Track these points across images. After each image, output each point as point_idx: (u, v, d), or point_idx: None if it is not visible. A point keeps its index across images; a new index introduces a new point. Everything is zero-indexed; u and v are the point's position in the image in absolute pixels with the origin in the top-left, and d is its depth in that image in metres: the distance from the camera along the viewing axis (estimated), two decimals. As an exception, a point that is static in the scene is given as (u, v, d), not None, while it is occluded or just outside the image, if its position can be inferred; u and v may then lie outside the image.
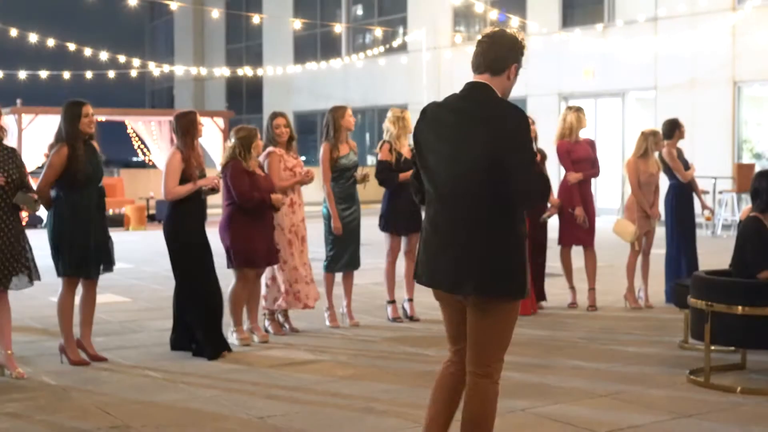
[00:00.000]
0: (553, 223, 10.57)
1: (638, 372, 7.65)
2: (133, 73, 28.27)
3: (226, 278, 8.77)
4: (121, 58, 26.04)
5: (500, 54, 4.74)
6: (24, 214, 7.86)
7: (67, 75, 27.11)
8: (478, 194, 4.54)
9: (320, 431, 6.10)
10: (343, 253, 9.50)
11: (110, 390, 7.12)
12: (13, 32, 22.20)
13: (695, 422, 6.29)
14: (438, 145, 4.72)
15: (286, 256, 8.94)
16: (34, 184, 7.86)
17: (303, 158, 9.88)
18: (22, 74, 25.42)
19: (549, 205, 10.42)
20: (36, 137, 20.27)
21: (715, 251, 14.32)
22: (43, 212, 8.09)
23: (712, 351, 7.85)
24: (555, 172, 13.03)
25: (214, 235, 8.44)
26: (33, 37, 22.27)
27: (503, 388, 7.00)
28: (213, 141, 22.68)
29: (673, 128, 10.80)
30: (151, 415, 6.45)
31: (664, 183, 10.85)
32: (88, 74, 27.53)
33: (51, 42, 22.83)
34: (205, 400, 6.83)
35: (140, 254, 16.21)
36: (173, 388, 7.19)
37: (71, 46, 23.92)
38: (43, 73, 26.02)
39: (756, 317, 7.02)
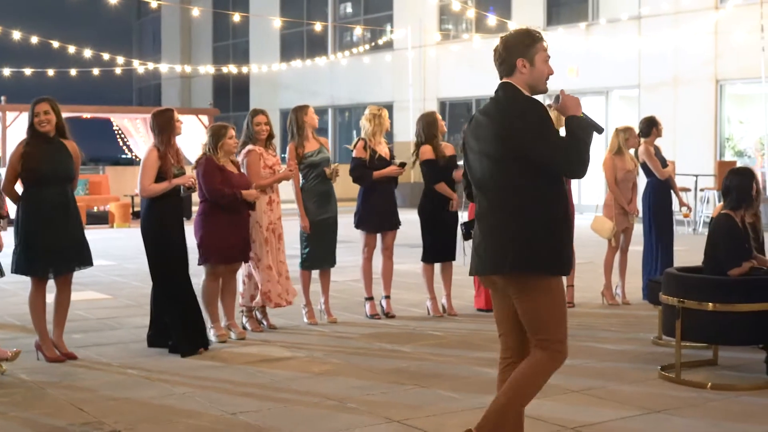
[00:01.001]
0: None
1: (612, 368, 7.71)
2: (118, 70, 28.23)
3: (199, 275, 8.81)
4: (106, 56, 26.02)
5: (502, 58, 5.06)
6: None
7: (51, 72, 27.08)
8: (506, 184, 4.92)
9: (292, 428, 6.13)
10: (319, 250, 9.54)
11: (86, 387, 7.15)
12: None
13: (665, 418, 6.35)
14: (474, 144, 5.11)
15: (261, 254, 8.97)
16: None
17: (284, 155, 9.92)
18: (6, 71, 25.39)
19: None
20: (20, 135, 20.22)
21: (696, 248, 14.29)
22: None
23: (684, 347, 7.93)
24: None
25: (191, 233, 8.47)
26: (17, 35, 22.24)
27: (477, 384, 7.16)
28: (198, 138, 22.66)
29: (651, 126, 10.86)
30: (125, 411, 6.48)
31: (642, 180, 10.91)
32: (73, 72, 27.49)
33: (35, 39, 22.80)
34: (180, 396, 6.87)
35: (123, 251, 16.22)
36: (149, 384, 7.22)
37: (55, 44, 23.89)
38: (28, 71, 25.99)
39: (727, 314, 7.08)
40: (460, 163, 9.99)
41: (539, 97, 5.07)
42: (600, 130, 5.08)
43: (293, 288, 9.31)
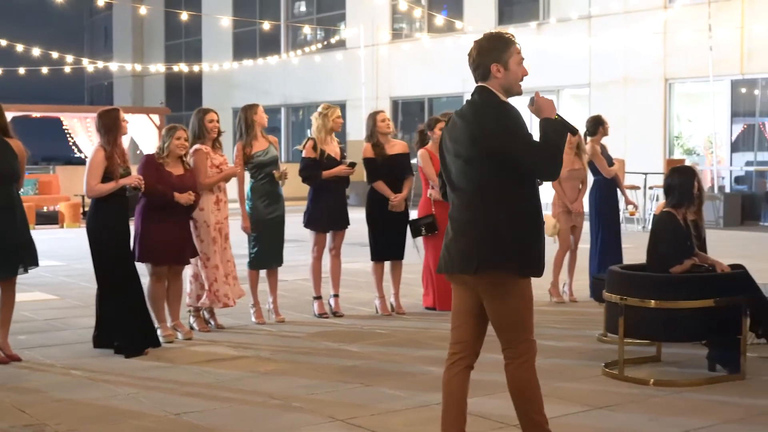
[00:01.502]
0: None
1: (556, 365, 7.76)
2: (67, 69, 28.01)
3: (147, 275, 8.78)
4: (55, 55, 25.81)
5: (475, 63, 5.09)
6: None
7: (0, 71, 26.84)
8: (477, 185, 4.98)
9: (235, 427, 6.13)
10: (267, 250, 9.54)
11: (29, 388, 7.11)
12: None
13: (606, 414, 6.41)
14: (450, 145, 5.15)
15: (209, 252, 8.95)
16: None
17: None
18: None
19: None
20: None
21: (644, 246, 14.46)
22: None
23: (629, 344, 8.02)
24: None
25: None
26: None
27: (422, 382, 7.20)
28: (148, 137, 22.58)
29: (597, 125, 10.94)
30: (69, 413, 6.45)
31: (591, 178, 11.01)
32: (21, 70, 27.24)
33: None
34: (124, 397, 6.84)
35: (72, 251, 16.08)
36: (93, 386, 7.18)
37: (2, 42, 23.66)
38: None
39: (669, 311, 7.17)
40: (414, 161, 10.09)
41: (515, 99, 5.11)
42: (574, 132, 5.15)
43: (240, 288, 9.30)
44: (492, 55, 5.03)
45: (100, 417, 6.37)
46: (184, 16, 29.89)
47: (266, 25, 29.95)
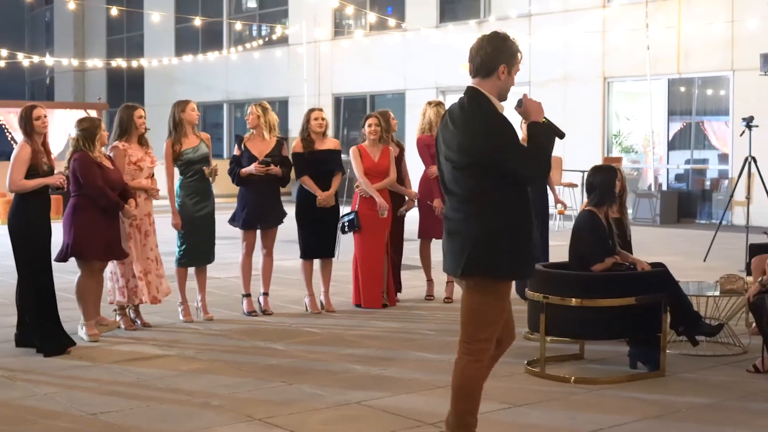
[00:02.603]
0: (413, 216, 10.72)
1: (480, 363, 7.78)
2: (3, 64, 27.65)
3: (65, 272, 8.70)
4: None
5: (486, 57, 5.04)
6: None
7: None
8: (466, 189, 5.04)
9: (153, 427, 6.09)
10: (194, 247, 9.49)
11: (-54, 388, 7.01)
12: None
13: (525, 411, 6.45)
14: (442, 148, 5.21)
15: (126, 249, 8.86)
16: None
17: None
18: None
19: (407, 198, 10.57)
20: None
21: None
22: None
23: (554, 342, 8.10)
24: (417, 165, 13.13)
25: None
26: None
27: (344, 380, 7.20)
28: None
29: (528, 123, 10.98)
30: (-16, 413, 6.38)
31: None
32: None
33: None
34: (42, 397, 6.76)
35: (2, 248, 15.84)
36: (12, 385, 7.09)
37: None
38: None
39: (590, 309, 7.22)
40: (344, 157, 10.08)
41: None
42: (561, 135, 5.15)
43: (167, 286, 9.23)
44: (504, 56, 5.04)
45: (14, 417, 6.29)
46: (115, 11, 29.61)
47: (208, 21, 29.78)
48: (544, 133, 5.04)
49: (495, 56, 5.03)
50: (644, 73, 21.81)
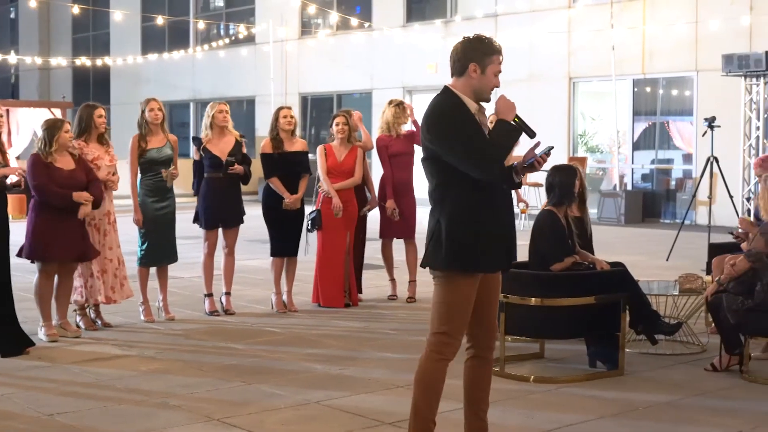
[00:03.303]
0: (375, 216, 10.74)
1: (441, 362, 7.79)
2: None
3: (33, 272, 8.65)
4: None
5: (458, 56, 5.18)
6: None
7: None
8: (433, 183, 5.19)
9: (109, 427, 6.06)
10: (155, 246, 9.45)
11: None
12: None
13: (483, 411, 6.45)
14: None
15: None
16: None
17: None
18: None
19: (369, 197, 10.57)
20: None
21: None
22: None
23: (515, 341, 8.13)
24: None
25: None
26: None
27: (304, 380, 7.20)
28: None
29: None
30: (-61, 414, 6.32)
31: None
32: None
33: None
34: (-2, 397, 6.73)
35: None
36: (-32, 386, 7.05)
37: None
38: None
39: (549, 308, 7.25)
40: (312, 157, 10.07)
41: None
42: (531, 135, 5.18)
43: (128, 289, 9.19)
44: (475, 54, 5.12)
45: (-30, 418, 6.25)
46: (76, 9, 29.44)
47: (175, 20, 29.65)
48: (506, 131, 5.07)
49: (466, 55, 5.13)
50: (609, 74, 21.93)
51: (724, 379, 7.30)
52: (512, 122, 5.10)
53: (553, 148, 5.31)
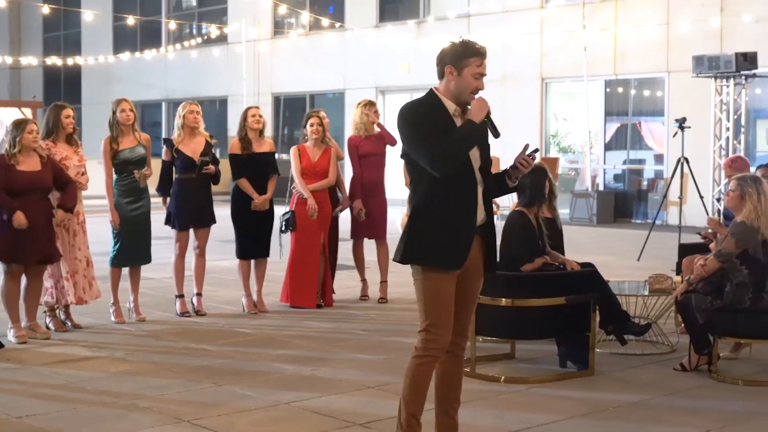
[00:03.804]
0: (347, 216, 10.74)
1: (412, 363, 7.80)
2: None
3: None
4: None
5: (437, 60, 5.29)
6: None
7: None
8: (409, 179, 5.32)
9: (79, 429, 6.04)
10: (128, 247, 9.40)
11: None
12: None
13: (453, 411, 6.46)
14: None
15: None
16: None
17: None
18: None
19: (340, 197, 10.57)
20: None
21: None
22: None
23: (486, 341, 8.15)
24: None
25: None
26: None
27: (274, 381, 7.20)
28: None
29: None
30: None
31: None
32: None
33: None
34: (-33, 400, 6.68)
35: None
36: (-64, 388, 7.00)
37: None
38: None
39: (519, 309, 7.28)
40: (285, 157, 10.05)
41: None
42: (496, 135, 5.22)
43: (96, 290, 9.15)
44: (451, 57, 5.19)
45: (-62, 421, 6.21)
46: (47, 9, 29.30)
47: (147, 19, 29.54)
48: (466, 131, 5.11)
49: (443, 59, 5.23)
50: (581, 74, 22.03)
51: (693, 379, 7.35)
52: (481, 122, 5.12)
53: (538, 150, 5.33)
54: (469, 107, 5.20)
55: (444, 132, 5.12)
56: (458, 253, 5.20)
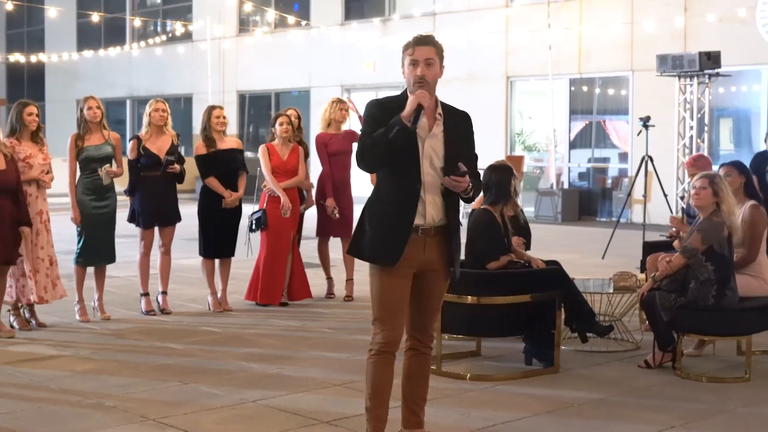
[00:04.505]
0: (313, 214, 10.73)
1: (378, 361, 7.80)
2: None
3: None
4: None
5: None
6: None
7: None
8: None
9: (43, 428, 6.00)
10: (92, 245, 9.35)
11: None
12: None
13: (419, 409, 6.47)
14: None
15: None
16: None
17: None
18: None
19: (305, 195, 10.56)
20: None
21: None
22: None
23: (452, 339, 8.18)
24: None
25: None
26: None
27: (240, 379, 7.19)
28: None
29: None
30: None
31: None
32: None
33: None
34: (-71, 399, 6.63)
35: None
36: None
37: None
38: None
39: (485, 306, 7.30)
40: (250, 155, 10.03)
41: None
42: (413, 126, 5.20)
43: (61, 289, 9.08)
44: (403, 55, 5.37)
45: None
46: (10, 6, 29.05)
47: (111, 16, 29.37)
48: (388, 127, 5.13)
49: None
50: (546, 73, 22.12)
51: (657, 376, 7.40)
52: (413, 118, 5.13)
53: (467, 172, 5.25)
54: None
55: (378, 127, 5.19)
56: (390, 250, 5.20)
